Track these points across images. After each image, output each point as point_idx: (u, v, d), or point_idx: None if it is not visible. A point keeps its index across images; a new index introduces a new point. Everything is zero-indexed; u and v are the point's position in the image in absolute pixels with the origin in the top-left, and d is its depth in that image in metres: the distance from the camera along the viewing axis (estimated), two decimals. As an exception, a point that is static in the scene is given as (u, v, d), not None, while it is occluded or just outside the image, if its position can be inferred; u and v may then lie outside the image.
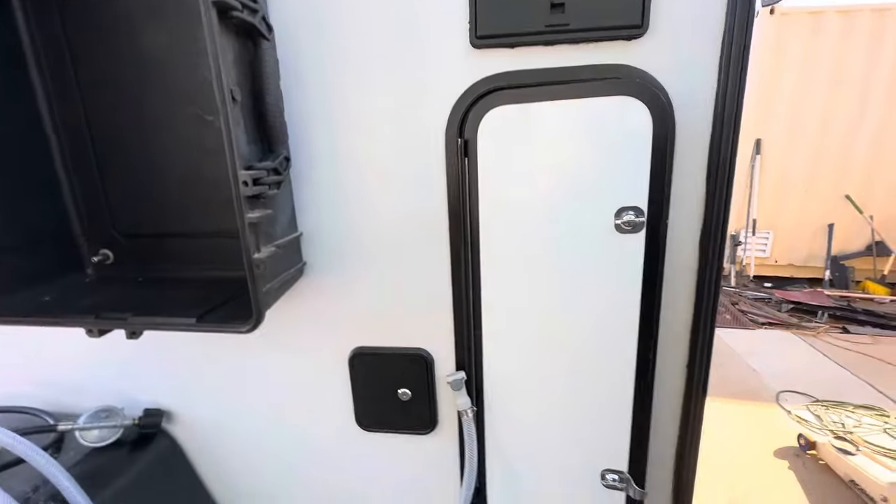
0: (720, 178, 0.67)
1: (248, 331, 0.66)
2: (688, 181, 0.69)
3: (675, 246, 0.71)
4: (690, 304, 0.74)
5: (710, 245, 0.70)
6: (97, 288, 0.87)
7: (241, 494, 1.04)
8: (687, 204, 0.70)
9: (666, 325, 0.75)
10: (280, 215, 0.71)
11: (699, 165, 0.68)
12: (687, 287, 0.73)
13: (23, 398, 1.04)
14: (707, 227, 0.69)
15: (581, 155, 0.67)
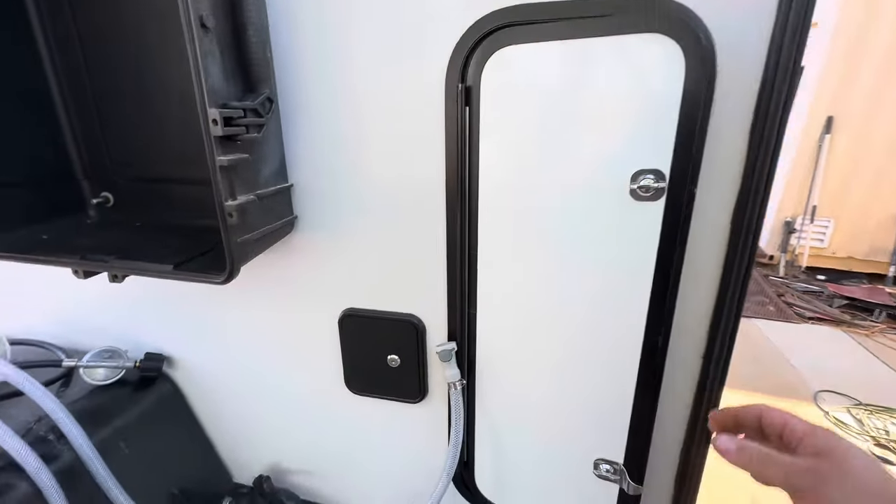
0: (766, 145, 0.56)
1: (221, 282, 0.63)
2: (725, 145, 0.58)
3: (702, 220, 0.61)
4: (714, 289, 0.64)
5: (745, 223, 0.59)
6: (95, 230, 0.87)
7: (238, 442, 1.06)
8: (721, 173, 0.59)
9: (683, 309, 0.66)
10: (263, 162, 0.66)
11: (740, 126, 0.57)
12: (711, 269, 0.63)
13: (41, 333, 1.09)
14: (743, 201, 0.59)
15: (597, 104, 0.57)
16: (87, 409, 0.89)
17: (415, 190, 0.72)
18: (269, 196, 0.69)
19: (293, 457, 1.03)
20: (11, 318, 1.11)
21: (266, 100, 0.63)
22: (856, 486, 0.41)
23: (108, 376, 0.95)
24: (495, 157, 0.65)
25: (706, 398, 0.68)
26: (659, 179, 0.56)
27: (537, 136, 0.61)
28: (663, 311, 0.62)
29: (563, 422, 0.74)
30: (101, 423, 0.88)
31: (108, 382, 0.95)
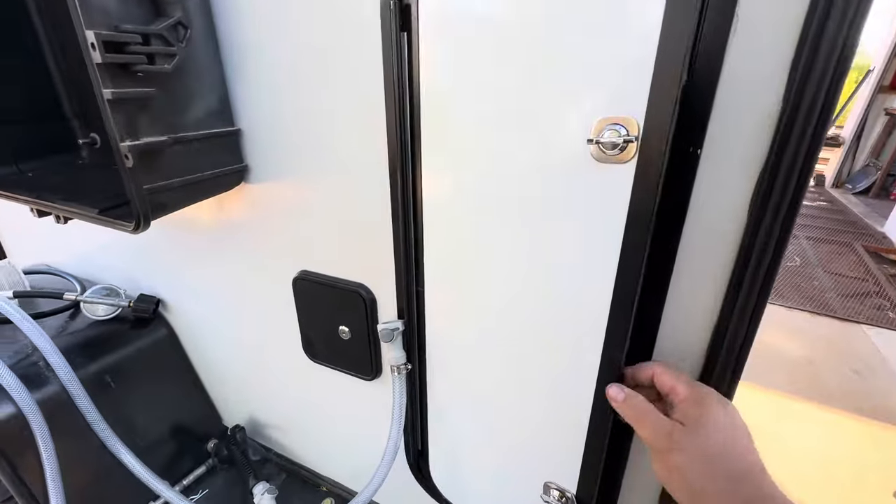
0: (812, 92, 0.36)
1: (132, 230, 0.58)
2: (745, 91, 0.39)
3: (711, 196, 0.43)
4: (719, 290, 0.46)
5: (771, 203, 0.40)
6: (78, 170, 0.88)
7: (226, 389, 1.09)
8: (740, 131, 0.40)
9: (674, 319, 0.49)
10: (184, 101, 0.59)
11: (773, 63, 0.37)
12: (717, 261, 0.45)
13: (64, 265, 1.18)
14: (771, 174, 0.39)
15: (554, 27, 0.41)
16: (81, 341, 0.95)
17: (357, 138, 0.60)
18: (199, 140, 0.62)
19: (268, 412, 1.03)
20: (49, 251, 1.21)
21: (176, 25, 0.54)
22: (698, 450, 0.41)
23: (105, 312, 1.00)
24: (435, 98, 0.51)
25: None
26: (628, 132, 0.39)
27: (480, 70, 0.46)
28: (627, 317, 0.45)
29: (513, 429, 0.62)
30: (90, 357, 0.93)
31: (105, 318, 1.00)
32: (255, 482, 0.93)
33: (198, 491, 1.02)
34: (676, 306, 0.48)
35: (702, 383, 0.47)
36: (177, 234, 0.90)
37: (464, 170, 0.52)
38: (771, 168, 0.39)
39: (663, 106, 0.37)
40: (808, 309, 3.34)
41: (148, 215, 0.57)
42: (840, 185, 6.03)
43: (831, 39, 0.34)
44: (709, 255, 0.45)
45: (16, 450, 0.80)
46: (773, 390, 2.44)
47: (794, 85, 0.37)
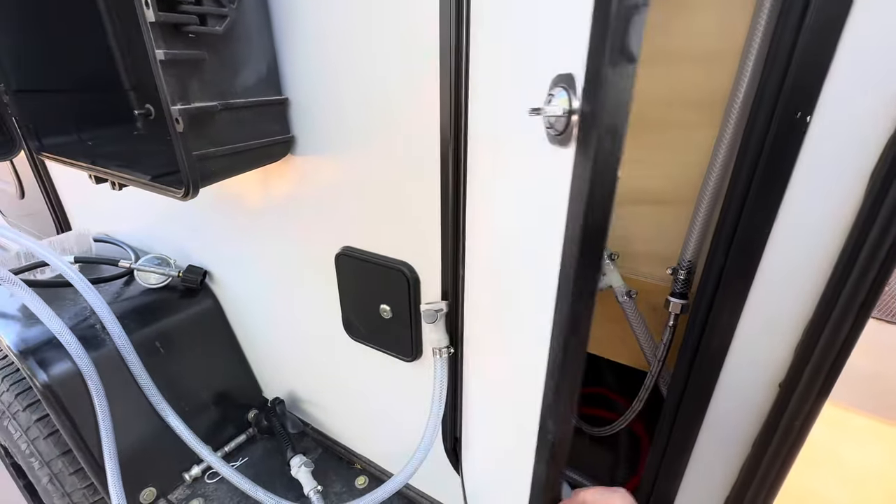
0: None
1: (181, 197, 0.58)
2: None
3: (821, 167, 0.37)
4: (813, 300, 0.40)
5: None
6: (136, 140, 0.90)
7: (267, 363, 1.11)
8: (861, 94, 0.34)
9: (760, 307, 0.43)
10: (234, 66, 0.58)
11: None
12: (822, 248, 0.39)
13: (125, 235, 1.23)
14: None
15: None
16: (135, 307, 0.99)
17: (411, 116, 0.57)
18: (248, 108, 0.61)
19: (306, 387, 1.04)
20: (115, 221, 1.26)
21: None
22: None
23: (157, 281, 1.03)
24: (490, 75, 0.46)
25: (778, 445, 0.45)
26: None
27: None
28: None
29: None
30: (142, 322, 0.96)
31: (157, 286, 1.03)
32: (292, 454, 0.95)
33: (238, 458, 1.05)
34: (764, 293, 0.42)
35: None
36: (225, 207, 0.91)
37: (510, 154, 0.47)
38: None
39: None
40: (875, 315, 3.06)
41: (197, 182, 0.56)
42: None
43: None
44: (810, 246, 0.39)
45: (75, 406, 0.84)
46: (834, 403, 2.25)
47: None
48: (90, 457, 0.87)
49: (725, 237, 0.44)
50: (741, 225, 0.42)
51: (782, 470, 0.48)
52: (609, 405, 1.07)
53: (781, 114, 0.37)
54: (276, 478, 0.99)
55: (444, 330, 0.64)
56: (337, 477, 1.00)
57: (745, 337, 0.46)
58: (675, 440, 0.55)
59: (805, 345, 0.43)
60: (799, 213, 0.39)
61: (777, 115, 0.37)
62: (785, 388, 0.45)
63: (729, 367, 0.48)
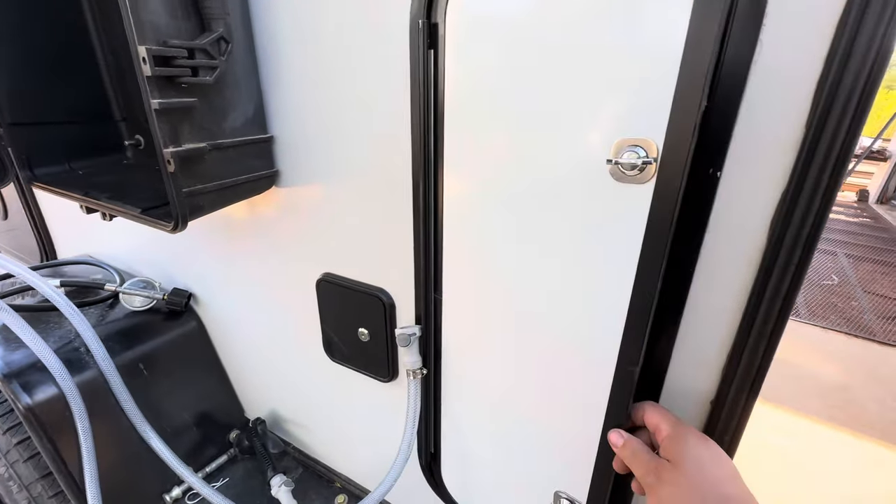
0: (838, 118, 0.36)
1: (171, 230, 0.62)
2: (770, 112, 0.39)
3: (730, 217, 0.43)
4: (736, 315, 0.46)
5: (791, 227, 0.40)
6: (125, 169, 0.94)
7: (250, 384, 1.13)
8: (762, 153, 0.40)
9: (690, 337, 0.49)
10: (223, 110, 0.63)
11: (799, 84, 0.37)
12: (737, 284, 0.45)
13: (111, 257, 1.25)
14: (792, 197, 0.39)
15: (576, 48, 0.42)
16: (119, 330, 1.01)
17: (385, 150, 0.63)
18: (235, 147, 0.66)
19: (288, 407, 1.07)
20: (92, 242, 1.29)
21: (219, 39, 0.58)
22: (682, 484, 0.44)
23: (142, 303, 1.06)
24: (459, 118, 0.52)
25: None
26: (647, 154, 0.39)
27: (500, 93, 0.48)
28: (643, 332, 0.46)
29: (526, 438, 0.63)
30: (126, 345, 0.98)
31: (141, 309, 1.06)
32: (273, 474, 0.97)
33: (219, 479, 1.06)
34: (693, 322, 0.48)
35: (683, 423, 0.49)
36: (210, 234, 0.94)
37: (483, 184, 0.53)
38: (792, 191, 0.39)
39: (683, 129, 0.38)
40: (845, 331, 3.19)
41: (186, 216, 0.61)
42: (886, 202, 5.73)
43: (856, 67, 0.34)
44: (728, 271, 0.45)
45: (57, 429, 0.86)
46: (804, 415, 2.34)
47: (818, 111, 0.37)
48: (71, 480, 0.88)
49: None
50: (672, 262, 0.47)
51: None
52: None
53: (700, 170, 0.43)
54: (257, 498, 1.01)
55: (418, 352, 0.69)
56: (317, 496, 1.02)
57: (677, 363, 0.52)
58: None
59: (728, 365, 0.48)
60: (718, 249, 0.45)
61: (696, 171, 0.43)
62: (715, 405, 0.50)
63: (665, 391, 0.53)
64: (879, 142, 5.44)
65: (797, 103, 0.37)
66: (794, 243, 0.40)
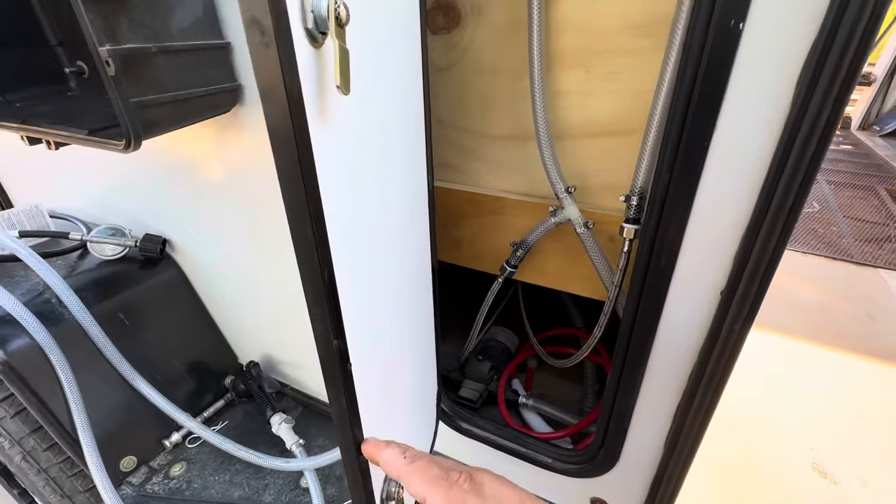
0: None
1: (122, 149, 0.55)
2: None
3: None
4: (739, 229, 0.42)
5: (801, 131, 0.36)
6: (70, 101, 0.85)
7: (239, 328, 1.10)
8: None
9: (695, 239, 0.46)
10: (164, 3, 0.54)
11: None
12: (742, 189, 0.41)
13: (75, 210, 1.17)
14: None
15: None
16: (91, 280, 0.95)
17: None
18: (187, 52, 0.58)
19: (282, 348, 1.05)
20: (62, 196, 1.19)
21: None
22: None
23: (113, 252, 1.00)
24: None
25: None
26: None
27: None
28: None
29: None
30: (101, 294, 0.93)
31: (113, 258, 1.00)
32: (272, 413, 0.96)
33: (218, 422, 1.06)
34: (706, 212, 0.45)
35: (449, 476, 0.38)
36: (177, 171, 0.87)
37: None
38: (825, 39, 0.35)
39: None
40: (824, 254, 3.28)
41: (139, 132, 0.54)
42: (867, 128, 5.74)
43: None
44: (744, 155, 0.41)
45: (39, 381, 0.82)
46: (787, 334, 2.44)
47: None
48: (63, 431, 0.86)
49: (669, 157, 0.45)
50: (682, 142, 0.44)
51: (724, 373, 0.53)
52: (577, 344, 1.12)
53: (717, 25, 0.38)
54: (259, 437, 1.01)
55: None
56: (318, 431, 1.02)
57: (690, 251, 0.49)
58: (630, 357, 0.59)
59: (742, 252, 0.46)
60: (735, 121, 0.41)
61: (713, 26, 0.38)
62: (726, 295, 0.48)
63: (676, 280, 0.51)
64: (865, 66, 5.35)
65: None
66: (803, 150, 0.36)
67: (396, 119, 0.55)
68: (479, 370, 0.94)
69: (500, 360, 0.97)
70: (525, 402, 0.90)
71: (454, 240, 0.86)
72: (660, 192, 0.48)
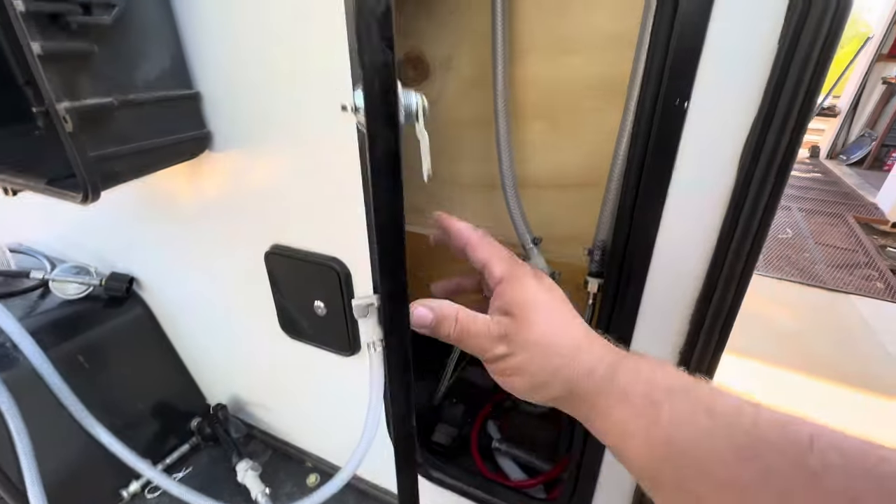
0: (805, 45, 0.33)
1: (81, 202, 0.54)
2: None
3: (696, 150, 0.40)
4: (706, 256, 0.43)
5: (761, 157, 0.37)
6: (37, 141, 0.83)
7: (207, 368, 1.07)
8: (730, 80, 0.36)
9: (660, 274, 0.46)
10: (132, 59, 0.54)
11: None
12: (705, 225, 0.42)
13: (40, 244, 1.13)
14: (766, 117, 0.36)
15: None
16: (51, 321, 0.92)
17: (329, 104, 0.56)
18: (153, 104, 0.58)
19: (250, 389, 1.02)
20: (27, 229, 1.16)
21: (115, -30, 0.49)
22: (533, 342, 0.35)
23: (77, 291, 0.96)
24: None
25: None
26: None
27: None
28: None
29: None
30: (61, 336, 0.90)
31: (76, 297, 0.96)
32: (238, 459, 0.92)
33: (182, 468, 1.01)
34: (664, 266, 0.46)
35: (514, 257, 0.39)
36: (148, 210, 0.85)
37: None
38: (765, 115, 0.36)
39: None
40: (798, 280, 3.37)
41: (97, 185, 0.53)
42: (835, 157, 6.00)
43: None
44: (697, 219, 0.42)
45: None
46: (762, 360, 2.47)
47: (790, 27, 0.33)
48: (9, 484, 0.81)
49: (626, 215, 0.46)
50: (638, 202, 0.45)
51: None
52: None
53: (664, 102, 0.39)
54: (224, 484, 0.97)
55: (377, 323, 0.64)
56: (287, 477, 0.98)
57: (648, 314, 0.49)
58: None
59: (697, 314, 0.46)
60: (684, 196, 0.42)
61: (660, 103, 0.40)
62: (684, 354, 0.49)
63: (638, 337, 0.51)
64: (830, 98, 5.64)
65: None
66: (763, 181, 0.38)
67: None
68: (453, 413, 0.93)
69: (475, 401, 0.96)
70: (498, 447, 0.88)
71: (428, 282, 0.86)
72: (619, 250, 0.49)
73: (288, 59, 0.55)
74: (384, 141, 0.31)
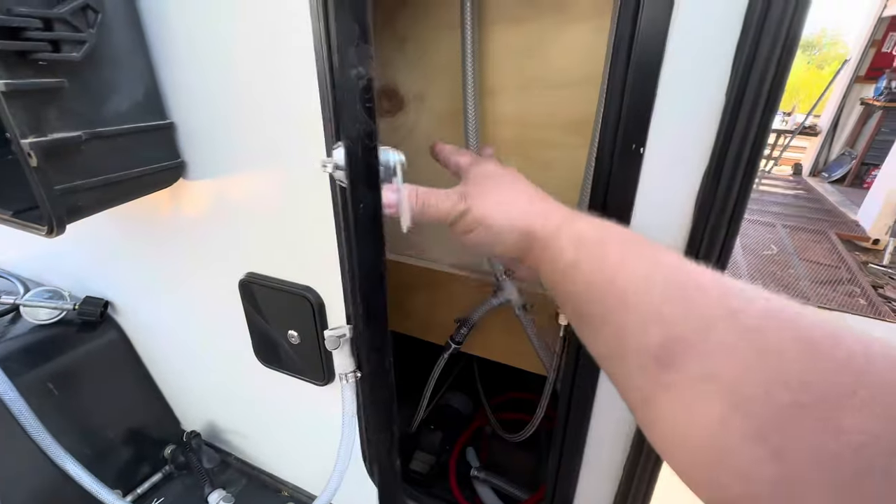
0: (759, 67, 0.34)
1: (46, 235, 0.53)
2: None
3: (652, 191, 0.40)
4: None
5: (718, 193, 0.38)
6: (10, 166, 0.82)
7: (183, 394, 1.05)
8: (684, 122, 0.37)
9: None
10: (99, 92, 0.54)
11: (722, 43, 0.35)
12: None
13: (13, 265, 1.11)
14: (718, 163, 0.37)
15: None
16: (20, 347, 0.90)
17: (299, 133, 0.56)
18: (125, 136, 0.58)
19: (226, 416, 1.00)
20: (1, 252, 1.14)
21: (84, 8, 0.49)
22: (492, 193, 0.42)
23: (49, 316, 0.95)
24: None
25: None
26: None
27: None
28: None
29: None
30: (30, 363, 0.88)
31: (48, 322, 0.95)
32: (210, 490, 0.90)
33: (153, 499, 0.98)
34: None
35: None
36: (124, 235, 0.85)
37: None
38: (717, 161, 0.37)
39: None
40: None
41: (62, 218, 0.52)
42: (817, 174, 6.14)
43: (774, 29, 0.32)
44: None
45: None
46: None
47: (738, 77, 0.34)
48: (-31, 519, 0.78)
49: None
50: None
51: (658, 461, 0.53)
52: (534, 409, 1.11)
53: (621, 147, 0.40)
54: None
55: (350, 354, 0.64)
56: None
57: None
58: (567, 445, 0.58)
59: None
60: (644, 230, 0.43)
61: (617, 148, 0.41)
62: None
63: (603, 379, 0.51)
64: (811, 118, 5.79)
65: (716, 69, 0.35)
66: (722, 212, 0.38)
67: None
68: (431, 441, 0.91)
69: (453, 428, 0.95)
70: (477, 475, 0.87)
71: (406, 311, 0.86)
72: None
73: (262, 91, 0.56)
74: (367, 204, 0.31)
